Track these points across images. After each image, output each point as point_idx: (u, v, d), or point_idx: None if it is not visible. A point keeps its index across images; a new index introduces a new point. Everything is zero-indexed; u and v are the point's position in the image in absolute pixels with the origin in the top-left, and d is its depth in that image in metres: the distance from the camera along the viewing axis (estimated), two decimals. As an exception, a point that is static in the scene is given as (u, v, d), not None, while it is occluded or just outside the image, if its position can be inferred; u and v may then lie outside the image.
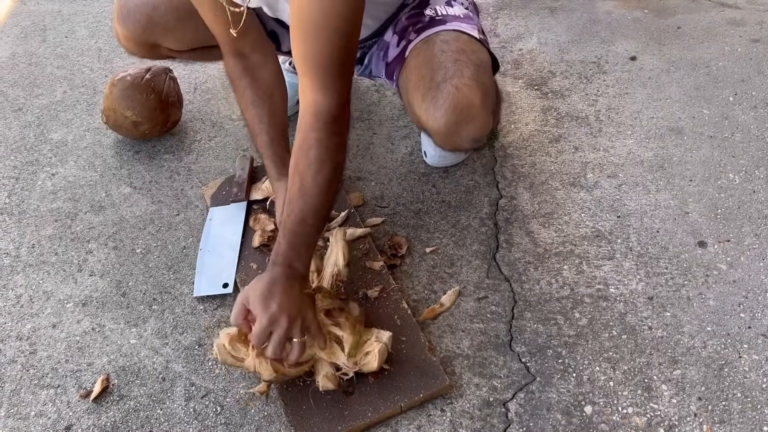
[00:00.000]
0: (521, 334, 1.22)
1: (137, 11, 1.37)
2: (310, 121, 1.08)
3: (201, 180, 1.57)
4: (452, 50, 1.26)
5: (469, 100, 1.21)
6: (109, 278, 1.37)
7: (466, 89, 1.21)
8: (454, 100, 1.21)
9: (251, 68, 1.31)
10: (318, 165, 1.08)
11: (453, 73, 1.22)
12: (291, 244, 1.09)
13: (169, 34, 1.39)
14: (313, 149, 1.08)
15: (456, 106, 1.21)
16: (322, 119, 1.08)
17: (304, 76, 1.07)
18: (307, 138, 1.08)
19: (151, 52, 1.46)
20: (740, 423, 1.08)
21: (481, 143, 1.31)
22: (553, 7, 2.06)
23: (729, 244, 1.35)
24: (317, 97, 1.07)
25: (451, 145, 1.30)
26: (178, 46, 1.44)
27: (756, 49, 1.84)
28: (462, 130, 1.23)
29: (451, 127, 1.22)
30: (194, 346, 1.24)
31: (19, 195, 1.57)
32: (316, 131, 1.08)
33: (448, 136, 1.25)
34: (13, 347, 1.26)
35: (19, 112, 1.82)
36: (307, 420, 1.10)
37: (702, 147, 1.57)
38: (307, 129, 1.09)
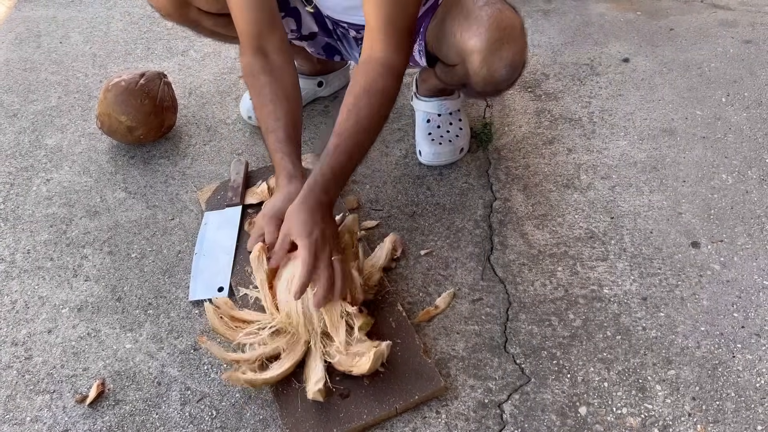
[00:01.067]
0: (516, 336, 1.23)
1: None
2: (380, 71, 1.20)
3: (196, 184, 1.57)
4: None
5: (512, 21, 1.27)
6: (105, 283, 1.37)
7: (509, 12, 1.27)
8: (498, 18, 1.25)
9: (272, 68, 1.31)
10: (378, 108, 1.20)
11: (495, 1, 1.28)
12: (334, 173, 1.18)
13: None
14: (378, 94, 1.19)
15: (500, 23, 1.25)
16: (392, 71, 1.21)
17: (382, 35, 1.20)
18: (376, 84, 1.20)
19: (180, 10, 1.43)
20: (734, 422, 1.09)
21: (516, 73, 1.32)
22: (546, 9, 2.07)
23: (722, 245, 1.36)
24: (391, 55, 1.20)
25: (489, 67, 1.28)
26: (209, 6, 1.42)
27: (748, 50, 1.85)
28: (503, 50, 1.26)
29: (494, 44, 1.25)
30: (190, 351, 1.24)
31: (14, 200, 1.57)
32: (386, 81, 1.20)
33: (489, 54, 1.26)
34: (9, 353, 1.26)
35: (13, 118, 1.82)
36: (302, 423, 1.10)
37: (695, 148, 1.57)
38: (377, 76, 1.20)
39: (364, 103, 1.19)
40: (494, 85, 1.34)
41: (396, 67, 1.21)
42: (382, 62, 1.20)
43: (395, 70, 1.21)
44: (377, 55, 1.20)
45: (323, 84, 1.76)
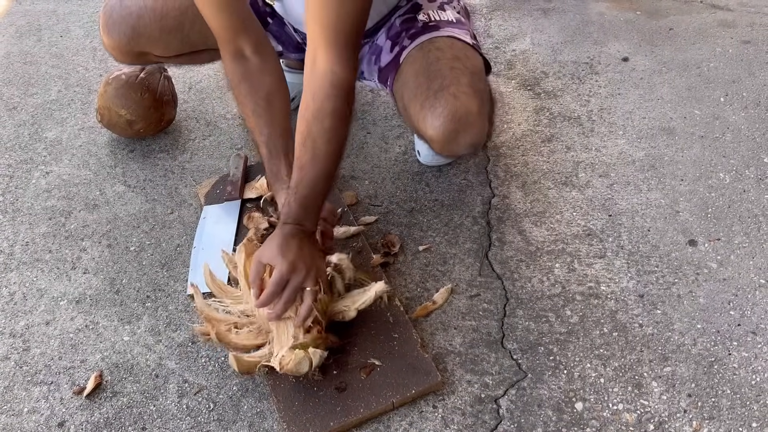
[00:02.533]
0: (513, 332, 1.23)
1: (122, 22, 1.38)
2: (327, 91, 1.13)
3: (195, 179, 1.58)
4: (447, 57, 1.28)
5: (467, 108, 1.23)
6: (103, 276, 1.38)
7: (464, 97, 1.23)
8: (453, 109, 1.22)
9: (250, 73, 1.30)
10: (332, 133, 1.14)
11: (450, 81, 1.24)
12: (302, 206, 1.15)
13: (155, 43, 1.41)
14: (329, 118, 1.13)
15: (454, 114, 1.23)
16: (341, 89, 1.13)
17: (320, 47, 1.12)
18: (324, 107, 1.13)
19: (138, 59, 1.47)
20: (729, 419, 1.09)
21: (478, 149, 1.34)
22: (546, 8, 2.08)
23: (719, 243, 1.36)
24: (335, 68, 1.12)
25: (449, 151, 1.31)
26: (164, 53, 1.44)
27: (747, 51, 1.86)
28: (460, 137, 1.25)
29: (450, 135, 1.24)
30: (187, 344, 1.24)
31: (13, 193, 1.57)
32: (333, 100, 1.13)
33: (446, 144, 1.27)
34: (7, 344, 1.27)
35: (13, 111, 1.82)
36: (299, 416, 1.10)
37: (693, 147, 1.58)
38: (324, 98, 1.13)
39: (317, 129, 1.13)
40: (456, 157, 1.43)
41: (343, 83, 1.13)
42: (330, 81, 1.12)
43: (342, 86, 1.13)
44: (322, 71, 1.13)
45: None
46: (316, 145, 1.14)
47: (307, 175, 1.14)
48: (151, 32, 1.37)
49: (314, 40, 1.13)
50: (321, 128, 1.13)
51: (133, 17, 1.36)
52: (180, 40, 1.39)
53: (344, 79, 1.13)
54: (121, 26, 1.37)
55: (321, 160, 1.14)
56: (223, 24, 1.25)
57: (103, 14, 1.40)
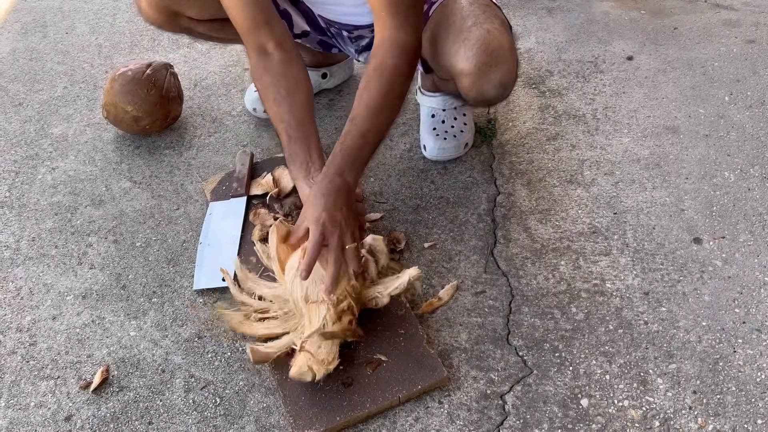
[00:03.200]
0: (518, 328, 1.23)
1: None
2: (390, 50, 1.17)
3: (201, 175, 1.58)
4: (479, 3, 1.30)
5: (500, 42, 1.26)
6: (109, 271, 1.38)
7: (497, 33, 1.26)
8: (486, 41, 1.24)
9: (273, 66, 1.30)
10: (389, 87, 1.17)
11: (483, 19, 1.27)
12: (347, 157, 1.16)
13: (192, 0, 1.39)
14: (389, 73, 1.17)
15: (488, 46, 1.24)
16: (401, 49, 1.18)
17: (384, 15, 1.17)
18: (385, 62, 1.17)
19: (171, 21, 1.45)
20: (735, 416, 1.09)
21: (507, 92, 1.34)
22: (550, 7, 2.08)
23: (724, 241, 1.36)
24: (399, 33, 1.17)
25: (479, 89, 1.29)
26: (199, 14, 1.43)
27: (751, 50, 1.86)
28: (492, 72, 1.26)
29: (482, 67, 1.25)
30: (194, 339, 1.25)
31: (19, 189, 1.58)
32: (394, 57, 1.17)
33: (478, 77, 1.27)
34: (13, 339, 1.27)
35: (19, 107, 1.82)
36: (305, 411, 1.10)
37: (698, 145, 1.58)
38: (385, 56, 1.17)
39: (374, 83, 1.17)
40: (485, 102, 1.42)
41: (405, 44, 1.18)
42: (391, 41, 1.18)
43: (405, 47, 1.18)
44: (385, 35, 1.18)
45: (327, 75, 1.77)
46: (371, 97, 1.16)
47: (357, 126, 1.16)
48: None
49: (378, 13, 1.17)
50: (380, 81, 1.16)
51: None
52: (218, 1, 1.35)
53: (407, 40, 1.18)
54: None
55: (373, 112, 1.16)
56: (246, 17, 1.27)
57: None
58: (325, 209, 1.13)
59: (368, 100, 1.17)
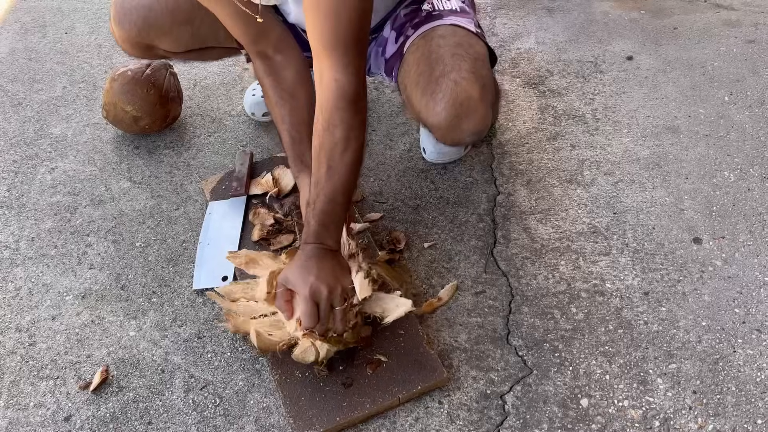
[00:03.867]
0: (518, 328, 1.23)
1: (133, 12, 1.38)
2: (334, 102, 1.10)
3: (200, 175, 1.58)
4: (450, 44, 1.27)
5: (468, 93, 1.22)
6: (109, 271, 1.38)
7: (465, 83, 1.22)
8: (453, 95, 1.22)
9: (274, 69, 1.31)
10: (344, 144, 1.12)
11: (451, 67, 1.24)
12: (321, 223, 1.13)
13: (165, 36, 1.40)
14: (339, 129, 1.11)
15: (455, 100, 1.22)
16: (346, 99, 1.10)
17: (322, 56, 1.09)
18: (332, 118, 1.11)
19: (147, 52, 1.47)
20: (734, 416, 1.09)
21: (481, 136, 1.32)
22: (550, 7, 2.08)
23: (724, 241, 1.36)
24: (339, 77, 1.09)
25: (452, 139, 1.30)
26: (173, 48, 1.45)
27: (751, 50, 1.86)
28: (462, 123, 1.24)
29: (452, 121, 1.24)
30: (193, 339, 1.25)
31: (18, 189, 1.58)
32: (341, 111, 1.10)
33: (448, 131, 1.26)
34: (13, 339, 1.27)
35: (18, 107, 1.82)
36: (305, 411, 1.10)
37: (697, 145, 1.58)
38: (332, 109, 1.11)
39: (329, 141, 1.11)
40: (461, 146, 1.43)
41: (350, 92, 1.10)
42: (335, 91, 1.10)
43: (350, 94, 1.10)
44: (327, 82, 1.10)
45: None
46: (330, 157, 1.12)
47: (323, 190, 1.12)
48: (162, 24, 1.37)
49: (316, 51, 1.10)
50: (332, 140, 1.11)
51: (144, 8, 1.37)
52: (190, 34, 1.39)
53: (350, 87, 1.10)
54: (132, 16, 1.37)
55: (336, 172, 1.12)
56: (242, 30, 1.27)
57: (114, 4, 1.40)
58: (312, 274, 1.10)
59: (328, 162, 1.12)
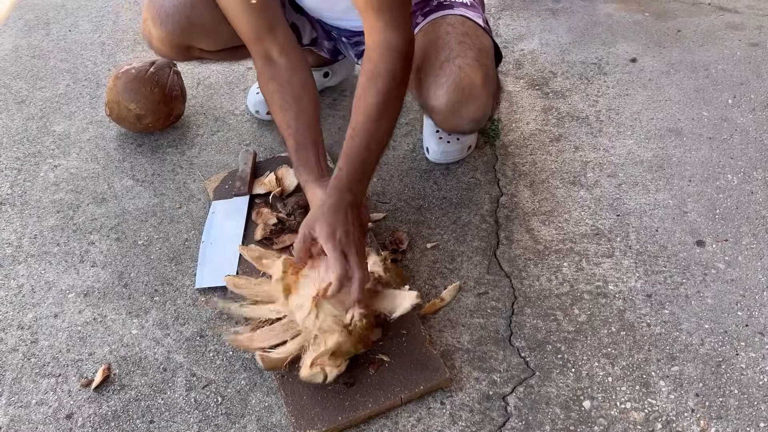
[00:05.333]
0: (521, 330, 1.23)
1: (177, 13, 1.36)
2: (382, 54, 1.14)
3: (203, 174, 1.58)
4: (457, 33, 1.29)
5: (471, 79, 1.24)
6: (111, 269, 1.38)
7: (469, 69, 1.24)
8: (457, 79, 1.24)
9: (279, 73, 1.30)
10: (386, 94, 1.14)
11: (457, 53, 1.26)
12: (353, 170, 1.15)
13: (207, 35, 1.40)
14: (383, 79, 1.14)
15: (458, 84, 1.24)
16: (395, 53, 1.14)
17: (371, 18, 1.14)
18: (377, 69, 1.14)
19: (184, 53, 1.46)
20: (737, 419, 1.09)
21: (480, 125, 1.34)
22: (554, 8, 2.08)
23: (727, 244, 1.36)
24: (389, 34, 1.14)
25: (451, 124, 1.32)
26: (213, 46, 1.44)
27: (755, 53, 1.86)
28: (463, 109, 1.26)
29: (453, 105, 1.25)
30: (196, 338, 1.25)
31: (21, 186, 1.58)
32: (387, 63, 1.14)
33: (449, 115, 1.28)
34: (15, 336, 1.27)
35: (21, 104, 1.82)
36: (307, 411, 1.10)
37: (701, 148, 1.58)
38: (378, 61, 1.14)
39: (370, 92, 1.15)
40: (459, 133, 1.41)
41: (396, 46, 1.15)
42: (381, 43, 1.14)
43: (396, 48, 1.15)
44: (376, 37, 1.15)
45: (329, 74, 1.77)
46: (368, 106, 1.14)
47: (358, 138, 1.14)
48: (204, 22, 1.36)
49: (365, 14, 1.14)
50: (375, 88, 1.14)
51: (186, 7, 1.35)
52: (230, 31, 1.35)
53: (398, 41, 1.14)
54: (175, 16, 1.35)
55: (373, 122, 1.14)
56: (249, 27, 1.26)
57: (151, 6, 1.38)
58: (339, 225, 1.11)
59: (366, 110, 1.14)
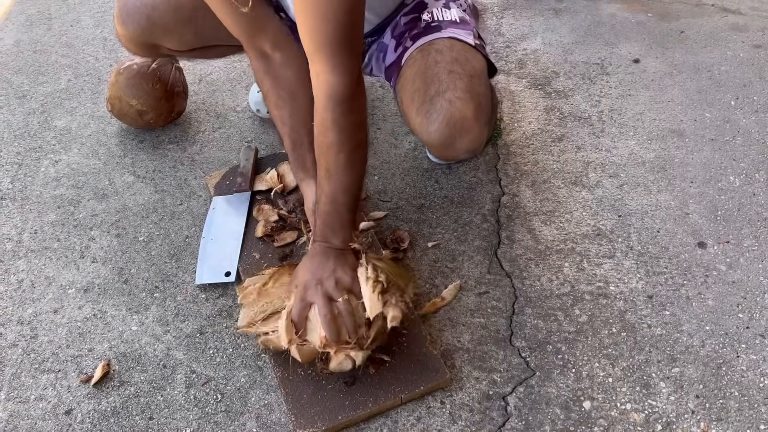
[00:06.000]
0: (521, 330, 1.23)
1: (137, 12, 1.37)
2: (324, 103, 1.09)
3: (204, 170, 1.58)
4: (446, 61, 1.27)
5: (462, 113, 1.23)
6: (111, 265, 1.38)
7: (459, 103, 1.23)
8: (447, 114, 1.23)
9: (273, 69, 1.29)
10: (338, 146, 1.11)
11: (446, 86, 1.24)
12: (325, 224, 1.14)
13: (169, 35, 1.40)
14: (330, 131, 1.10)
15: (449, 120, 1.23)
16: (335, 100, 1.08)
17: (313, 58, 1.08)
18: (324, 120, 1.10)
19: (152, 51, 1.47)
20: (737, 421, 1.09)
21: (476, 153, 1.35)
22: (557, 8, 2.08)
23: (728, 246, 1.36)
24: (329, 78, 1.07)
25: (447, 156, 1.34)
26: (178, 46, 1.44)
27: (758, 55, 1.85)
28: (456, 142, 1.26)
29: (446, 140, 1.25)
30: (196, 334, 1.24)
31: (22, 181, 1.57)
32: (330, 112, 1.09)
33: (443, 149, 1.29)
34: (14, 331, 1.27)
35: (23, 99, 1.82)
36: (307, 409, 1.10)
37: (703, 149, 1.58)
38: (322, 111, 1.10)
39: (324, 147, 1.11)
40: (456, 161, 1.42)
41: (339, 93, 1.07)
42: (326, 92, 1.08)
43: (339, 95, 1.08)
44: (319, 83, 1.09)
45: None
46: (326, 160, 1.12)
47: (324, 191, 1.13)
48: (166, 23, 1.37)
49: (308, 53, 1.08)
50: (326, 142, 1.11)
51: (147, 7, 1.36)
52: (194, 33, 1.38)
53: (340, 87, 1.07)
54: (135, 16, 1.37)
55: (334, 174, 1.12)
56: (241, 27, 1.25)
57: (118, 3, 1.40)
58: (310, 270, 1.12)
59: (326, 165, 1.12)
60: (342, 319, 1.09)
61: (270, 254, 1.35)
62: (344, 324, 1.10)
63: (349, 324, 1.09)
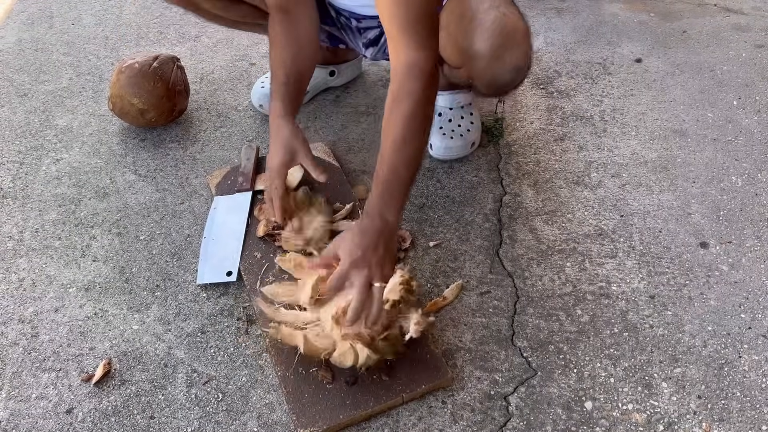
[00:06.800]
0: (523, 329, 1.23)
1: None
2: (405, 75, 1.13)
3: (206, 169, 1.57)
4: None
5: (515, 25, 1.25)
6: (113, 264, 1.37)
7: (513, 16, 1.25)
8: (502, 23, 1.24)
9: (289, 19, 1.35)
10: (411, 116, 1.13)
11: (500, 3, 1.26)
12: (382, 195, 1.14)
13: None
14: (407, 100, 1.13)
15: (503, 28, 1.24)
16: (418, 72, 1.13)
17: (396, 37, 1.13)
18: (402, 89, 1.13)
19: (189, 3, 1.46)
20: (739, 422, 1.09)
21: (521, 76, 1.32)
22: (559, 8, 2.07)
23: (731, 246, 1.36)
24: (413, 54, 1.12)
25: (493, 72, 1.29)
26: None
27: (760, 55, 1.85)
28: (506, 54, 1.25)
29: (497, 50, 1.24)
30: (197, 333, 1.24)
31: (23, 179, 1.57)
32: (411, 82, 1.13)
33: (492, 61, 1.26)
34: (15, 330, 1.26)
35: (24, 98, 1.82)
36: (308, 408, 1.10)
37: (705, 149, 1.58)
38: (402, 80, 1.13)
39: (396, 115, 1.13)
40: (499, 87, 1.37)
41: (421, 66, 1.13)
42: (406, 63, 1.13)
43: (420, 69, 1.13)
44: (400, 57, 1.14)
45: (335, 73, 1.76)
46: (396, 131, 1.13)
47: (386, 162, 1.13)
48: None
49: (390, 34, 1.14)
50: (399, 113, 1.13)
51: None
52: None
53: (422, 60, 1.13)
54: None
55: (400, 145, 1.13)
56: None
57: None
58: (361, 247, 1.11)
59: (393, 134, 1.13)
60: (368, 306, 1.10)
61: (271, 254, 1.35)
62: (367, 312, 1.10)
63: (374, 312, 1.10)
